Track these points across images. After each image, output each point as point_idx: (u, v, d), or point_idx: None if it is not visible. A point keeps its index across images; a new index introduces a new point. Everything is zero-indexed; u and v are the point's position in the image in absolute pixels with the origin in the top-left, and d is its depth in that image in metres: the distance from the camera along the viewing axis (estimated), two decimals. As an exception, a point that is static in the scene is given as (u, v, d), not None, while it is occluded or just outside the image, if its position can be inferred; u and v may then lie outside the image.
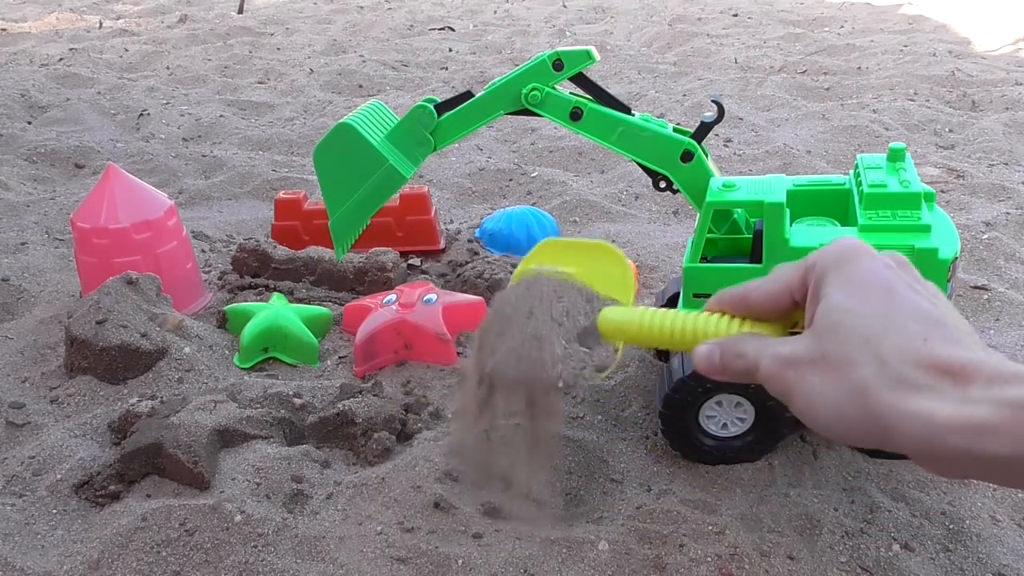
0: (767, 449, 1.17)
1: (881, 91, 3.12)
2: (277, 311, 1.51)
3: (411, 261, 1.85)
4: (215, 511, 1.07)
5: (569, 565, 1.01)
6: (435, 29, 4.65)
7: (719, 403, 1.13)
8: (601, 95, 1.26)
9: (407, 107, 1.36)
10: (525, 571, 1.00)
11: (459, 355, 1.45)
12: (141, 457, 1.15)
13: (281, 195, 1.95)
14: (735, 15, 4.79)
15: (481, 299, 1.56)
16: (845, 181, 1.18)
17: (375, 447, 1.21)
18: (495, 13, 5.16)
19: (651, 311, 0.59)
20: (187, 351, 1.43)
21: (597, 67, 2.51)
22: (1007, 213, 2.01)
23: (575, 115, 1.24)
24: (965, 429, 0.40)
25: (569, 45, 2.87)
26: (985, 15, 4.44)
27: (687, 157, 1.21)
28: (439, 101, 1.27)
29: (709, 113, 1.22)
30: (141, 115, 3.07)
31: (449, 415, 1.32)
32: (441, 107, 1.27)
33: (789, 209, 1.09)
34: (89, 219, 1.60)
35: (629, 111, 1.25)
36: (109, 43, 4.35)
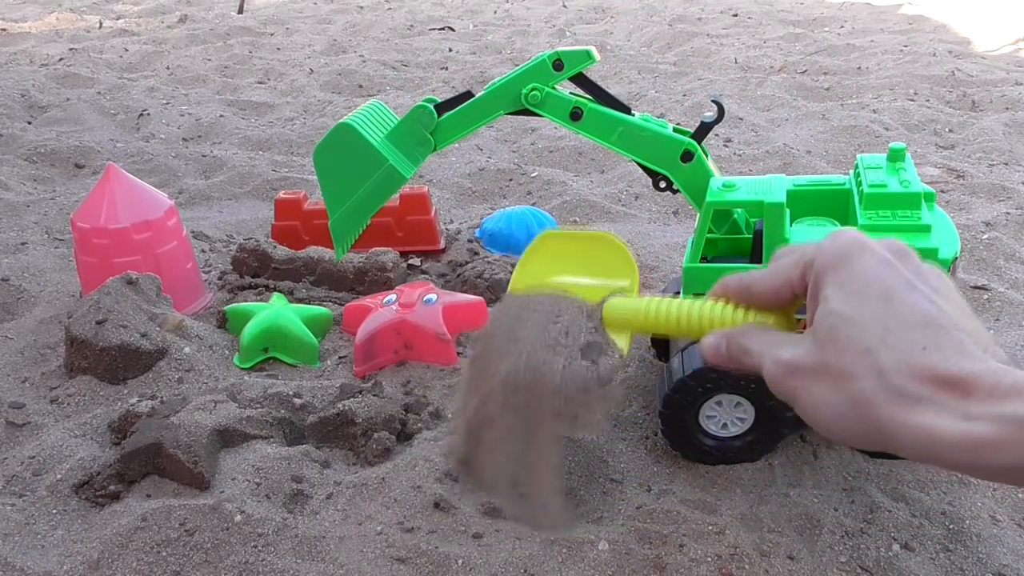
0: (767, 449, 1.17)
1: (881, 91, 3.12)
2: (277, 311, 1.51)
3: (411, 261, 1.85)
4: (215, 511, 1.07)
5: (569, 565, 1.01)
6: (435, 29, 4.65)
7: (719, 403, 1.13)
8: (601, 95, 1.26)
9: (407, 107, 1.36)
10: (525, 571, 1.00)
11: (459, 355, 1.45)
12: (141, 457, 1.15)
13: (281, 195, 1.95)
14: (735, 15, 4.79)
15: (481, 299, 1.56)
16: (845, 181, 1.18)
17: (375, 447, 1.21)
18: (495, 13, 5.16)
19: (656, 300, 0.60)
20: (187, 351, 1.43)
21: (597, 67, 2.50)
22: (1007, 213, 2.01)
23: (575, 115, 1.24)
24: (966, 445, 0.41)
25: (569, 45, 2.87)
26: (985, 15, 4.43)
27: (687, 157, 1.21)
28: (439, 101, 1.27)
29: (709, 113, 1.22)
30: (141, 115, 3.07)
31: (449, 415, 1.32)
32: (441, 107, 1.27)
33: (789, 209, 1.09)
34: (89, 219, 1.60)
35: (629, 111, 1.25)
36: (109, 43, 4.35)
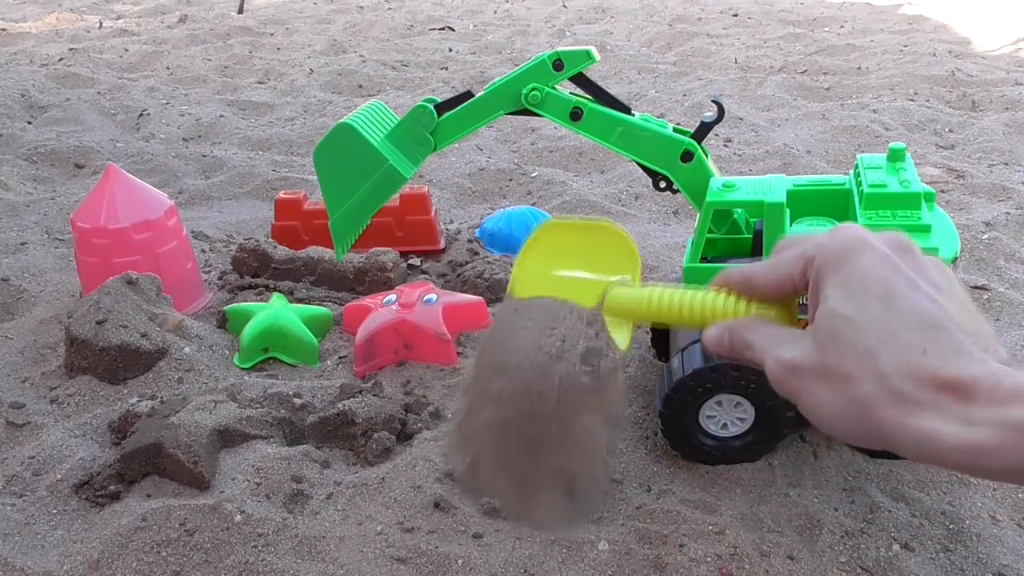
0: (767, 449, 1.17)
1: (881, 91, 3.12)
2: (277, 311, 1.51)
3: (411, 261, 1.85)
4: (215, 511, 1.07)
5: (569, 565, 1.01)
6: (435, 29, 4.65)
7: (719, 403, 1.13)
8: (601, 95, 1.26)
9: (407, 107, 1.36)
10: (525, 571, 1.00)
11: (459, 355, 1.45)
12: (141, 457, 1.15)
13: (281, 195, 1.95)
14: (735, 15, 4.79)
15: (481, 299, 1.56)
16: (845, 181, 1.18)
17: (375, 447, 1.21)
18: (495, 13, 5.16)
19: (659, 290, 0.60)
20: (187, 351, 1.43)
21: (597, 67, 2.50)
22: (1007, 213, 2.01)
23: (575, 115, 1.24)
24: (966, 449, 0.41)
25: (569, 45, 2.87)
26: (985, 15, 4.43)
27: (687, 157, 1.21)
28: (439, 101, 1.27)
29: (709, 113, 1.22)
30: (141, 115, 3.07)
31: (449, 416, 1.32)
32: (441, 107, 1.27)
33: (789, 209, 1.09)
34: (89, 219, 1.60)
35: (629, 111, 1.25)
36: (109, 43, 4.35)
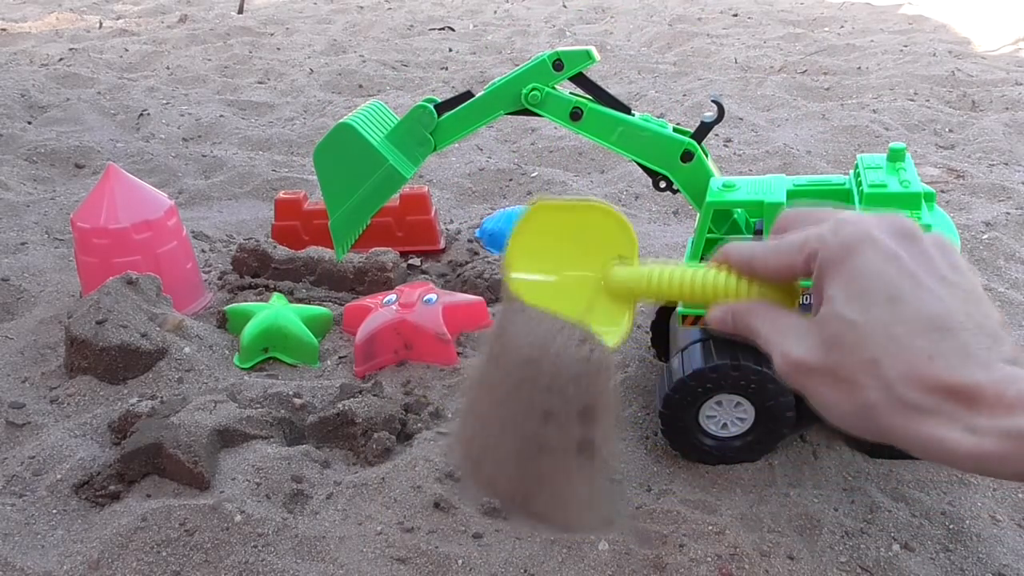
0: (767, 449, 1.17)
1: (881, 91, 3.12)
2: (277, 311, 1.51)
3: (411, 261, 1.85)
4: (215, 511, 1.07)
5: (569, 565, 1.01)
6: (435, 29, 4.65)
7: (719, 403, 1.13)
8: (601, 95, 1.26)
9: (407, 107, 1.36)
10: (525, 571, 1.00)
11: (459, 355, 1.45)
12: (141, 457, 1.15)
13: (281, 195, 1.95)
14: (735, 15, 4.79)
15: (481, 299, 1.56)
16: (845, 181, 1.18)
17: (375, 447, 1.21)
18: (495, 13, 5.16)
19: (659, 267, 0.60)
20: (187, 351, 1.43)
21: (597, 67, 2.50)
22: (1007, 213, 2.01)
23: (575, 115, 1.24)
24: (973, 456, 0.42)
25: (569, 45, 2.87)
26: (985, 15, 4.43)
27: (687, 157, 1.21)
28: (439, 101, 1.27)
29: (709, 113, 1.22)
30: (141, 115, 3.07)
31: (450, 416, 1.32)
32: (441, 107, 1.27)
33: (789, 209, 1.09)
34: (89, 219, 1.60)
35: (629, 111, 1.25)
36: (109, 43, 4.35)
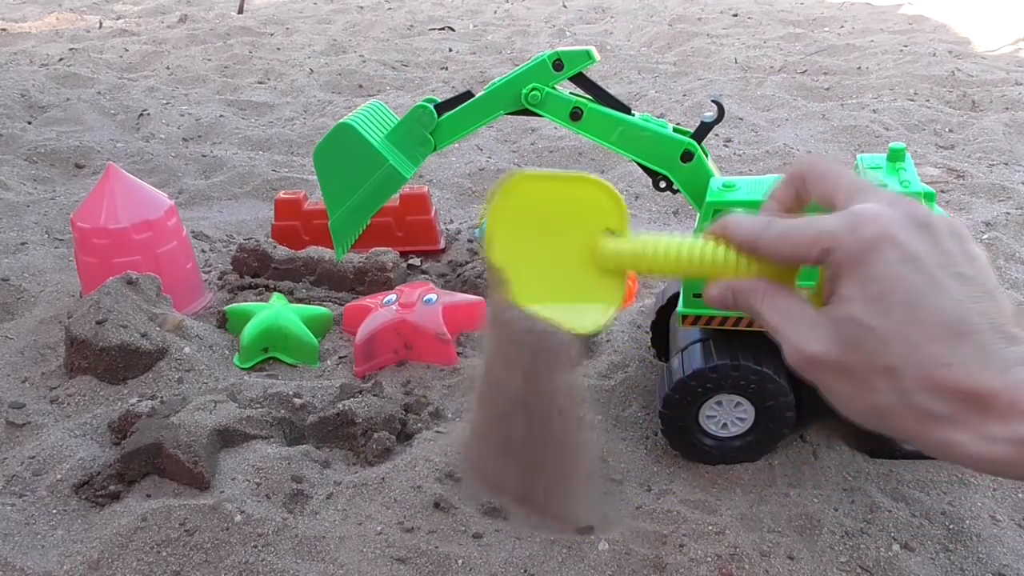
0: (767, 449, 1.17)
1: (881, 91, 3.12)
2: (277, 311, 1.51)
3: (411, 261, 1.85)
4: (215, 511, 1.07)
5: (569, 565, 1.01)
6: (435, 29, 4.65)
7: (719, 403, 1.13)
8: (601, 95, 1.26)
9: (407, 107, 1.36)
10: (525, 571, 1.00)
11: (459, 355, 1.45)
12: (141, 457, 1.15)
13: (281, 195, 1.95)
14: (735, 15, 4.79)
15: (481, 299, 1.56)
16: (845, 181, 1.18)
17: (375, 447, 1.21)
18: (495, 13, 5.16)
19: (652, 240, 0.58)
20: (187, 351, 1.43)
21: (597, 67, 2.50)
22: (1007, 213, 2.01)
23: (575, 115, 1.24)
24: (986, 461, 0.43)
25: (569, 45, 2.87)
26: (985, 15, 4.43)
27: (687, 157, 1.21)
28: (439, 101, 1.27)
29: (709, 113, 1.22)
30: (141, 115, 3.07)
31: (450, 416, 1.32)
32: (441, 107, 1.27)
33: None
34: (89, 219, 1.60)
35: (629, 111, 1.25)
36: (109, 43, 4.35)
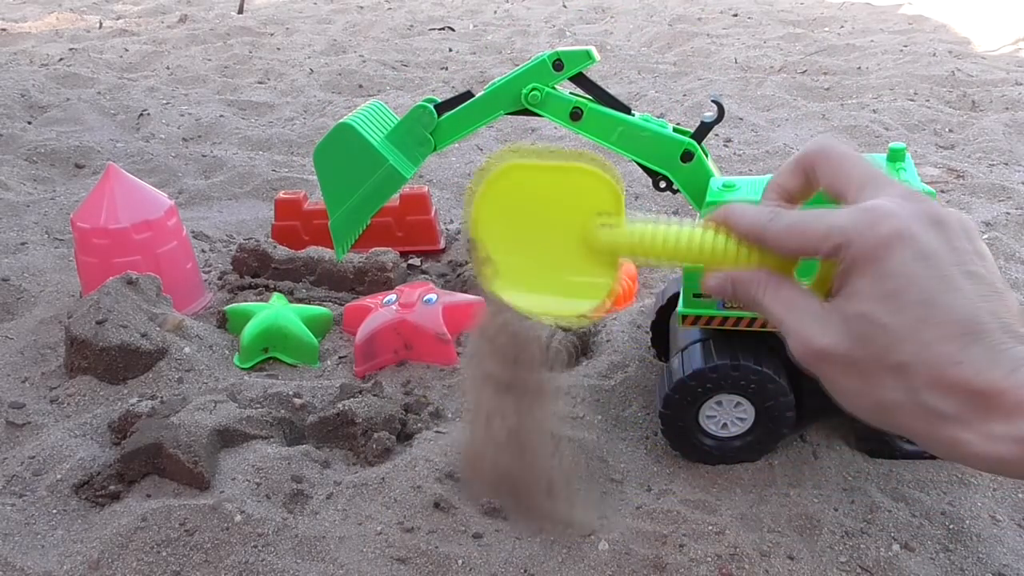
0: (767, 449, 1.17)
1: (881, 91, 3.12)
2: (277, 311, 1.51)
3: (411, 261, 1.85)
4: (215, 511, 1.07)
5: (569, 565, 1.01)
6: (435, 29, 4.65)
7: (719, 403, 1.13)
8: (601, 95, 1.26)
9: (407, 107, 1.36)
10: (525, 571, 1.00)
11: (459, 355, 1.45)
12: (141, 457, 1.15)
13: (281, 195, 1.95)
14: (735, 15, 4.79)
15: (481, 299, 1.56)
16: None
17: (375, 447, 1.21)
18: (495, 13, 5.16)
19: (650, 226, 0.57)
20: (187, 351, 1.43)
21: (597, 67, 2.50)
22: (1007, 213, 2.01)
23: (575, 115, 1.24)
24: (990, 460, 0.43)
25: (569, 45, 2.87)
26: (985, 15, 4.43)
27: (687, 157, 1.21)
28: (439, 101, 1.27)
29: (709, 113, 1.22)
30: (141, 115, 3.07)
31: (450, 416, 1.32)
32: (441, 107, 1.27)
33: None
34: (89, 219, 1.60)
35: (629, 111, 1.25)
36: (109, 43, 4.35)
